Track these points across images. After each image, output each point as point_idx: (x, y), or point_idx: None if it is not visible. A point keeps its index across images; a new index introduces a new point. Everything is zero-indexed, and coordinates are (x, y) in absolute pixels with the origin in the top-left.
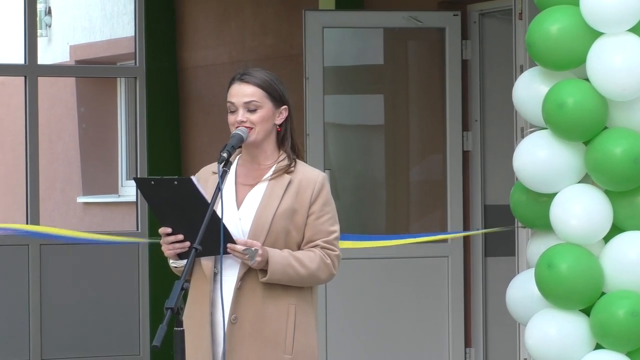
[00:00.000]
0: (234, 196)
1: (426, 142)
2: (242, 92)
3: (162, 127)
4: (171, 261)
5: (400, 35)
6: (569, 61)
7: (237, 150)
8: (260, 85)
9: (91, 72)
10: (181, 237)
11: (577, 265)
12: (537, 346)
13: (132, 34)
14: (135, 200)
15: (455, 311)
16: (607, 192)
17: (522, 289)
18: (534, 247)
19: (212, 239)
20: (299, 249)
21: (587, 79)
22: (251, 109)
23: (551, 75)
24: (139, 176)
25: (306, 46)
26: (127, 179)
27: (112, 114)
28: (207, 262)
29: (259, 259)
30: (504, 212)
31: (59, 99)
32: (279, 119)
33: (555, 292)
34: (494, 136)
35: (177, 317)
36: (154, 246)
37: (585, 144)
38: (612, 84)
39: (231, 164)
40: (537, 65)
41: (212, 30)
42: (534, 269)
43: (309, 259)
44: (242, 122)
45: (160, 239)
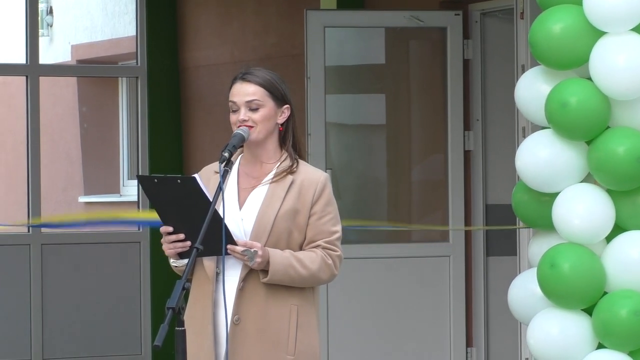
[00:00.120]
0: (236, 196)
1: (428, 142)
2: (244, 91)
3: (163, 126)
4: (172, 260)
5: (401, 34)
6: (572, 60)
7: (239, 149)
8: (262, 84)
9: (93, 71)
10: (182, 236)
11: (579, 264)
12: (539, 346)
13: (134, 33)
14: (136, 200)
15: (456, 311)
16: (609, 191)
17: (524, 289)
18: (535, 247)
19: (213, 239)
20: (301, 249)
21: (589, 79)
22: (253, 107)
23: (554, 74)
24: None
25: (308, 46)
26: (128, 179)
27: (114, 113)
28: (209, 262)
29: (259, 260)
30: (506, 211)
31: (61, 99)
32: (281, 118)
33: (557, 292)
34: (496, 136)
35: (178, 317)
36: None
37: (587, 143)
38: (615, 83)
39: (232, 163)
40: (539, 64)
41: (214, 29)
42: (537, 268)
43: (310, 259)
44: (244, 121)
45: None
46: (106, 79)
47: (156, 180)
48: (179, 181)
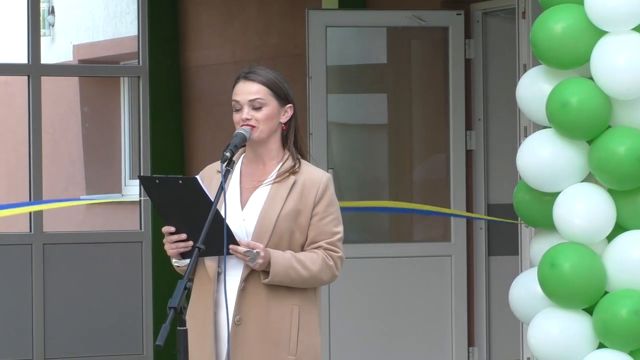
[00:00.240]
0: (238, 196)
1: (429, 141)
2: (247, 90)
3: (165, 126)
4: (174, 260)
5: (403, 34)
6: (573, 60)
7: (242, 149)
8: (265, 83)
9: (94, 71)
10: (184, 236)
11: (580, 264)
12: (540, 345)
13: (135, 33)
14: (138, 199)
15: (458, 310)
16: (610, 191)
17: (525, 288)
18: (537, 246)
19: (215, 239)
20: (303, 250)
21: (591, 78)
22: (256, 106)
23: (555, 74)
24: (143, 175)
25: (309, 45)
26: (130, 179)
27: (115, 113)
28: (210, 262)
29: (261, 261)
30: (507, 211)
31: (62, 99)
32: (284, 118)
33: (558, 291)
34: (497, 135)
35: (180, 316)
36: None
37: (588, 143)
38: (616, 83)
39: (234, 163)
40: (541, 64)
41: (216, 29)
42: (537, 268)
43: (312, 260)
44: (247, 120)
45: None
46: (108, 79)
47: (158, 180)
48: (180, 182)
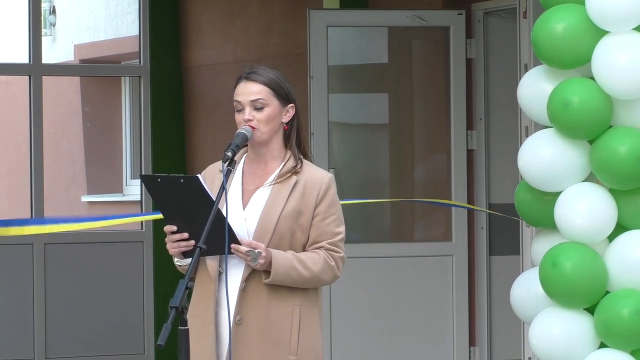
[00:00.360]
0: (240, 196)
1: (430, 141)
2: (249, 91)
3: (166, 126)
4: (176, 259)
5: (404, 34)
6: (574, 60)
7: (244, 148)
8: (266, 83)
9: (95, 71)
10: (186, 235)
11: (581, 264)
12: (541, 345)
13: (137, 33)
14: (139, 199)
15: (459, 310)
16: (611, 190)
17: (527, 288)
18: (538, 246)
19: (217, 238)
20: (304, 250)
21: (592, 78)
22: (257, 107)
23: (556, 73)
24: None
25: (310, 45)
26: (131, 178)
27: (117, 113)
28: (211, 262)
29: (262, 260)
30: (509, 210)
31: (64, 98)
32: (286, 117)
33: (559, 291)
34: (499, 135)
35: (181, 316)
36: (159, 245)
37: (590, 142)
38: (617, 82)
39: (236, 162)
40: (542, 63)
41: (217, 29)
42: (539, 267)
43: (313, 261)
44: (249, 120)
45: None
46: (109, 79)
47: (159, 179)
48: (181, 180)
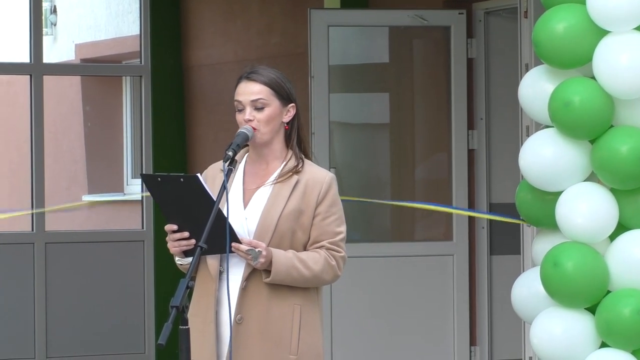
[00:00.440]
0: (241, 195)
1: (431, 141)
2: (249, 90)
3: (167, 125)
4: (177, 259)
5: (405, 33)
6: (575, 59)
7: (246, 147)
8: (267, 83)
9: (96, 70)
10: (187, 234)
11: (582, 263)
12: (542, 345)
13: (138, 32)
14: (140, 198)
15: (460, 309)
16: (613, 190)
17: (528, 287)
18: (539, 246)
19: (217, 238)
20: (305, 250)
21: (593, 78)
22: (258, 107)
23: (557, 73)
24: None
25: (311, 45)
26: (132, 178)
27: (118, 112)
28: (212, 261)
29: (262, 260)
30: (510, 210)
31: (65, 98)
32: (287, 117)
33: (560, 291)
34: (499, 134)
35: (182, 315)
36: (160, 245)
37: (591, 142)
38: (618, 82)
39: (237, 162)
40: (543, 63)
41: (218, 28)
42: (540, 267)
43: (314, 260)
44: (249, 120)
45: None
46: (110, 78)
47: (159, 179)
48: (181, 180)
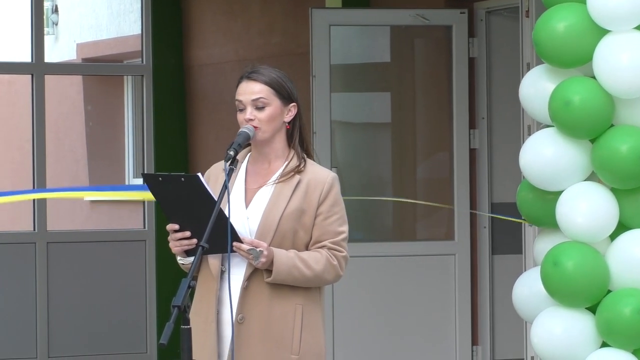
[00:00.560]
0: (242, 195)
1: (433, 140)
2: (250, 90)
3: (168, 125)
4: (179, 258)
5: (407, 33)
6: (576, 59)
7: (248, 147)
8: (267, 82)
9: (98, 70)
10: (188, 233)
11: (583, 263)
12: (542, 344)
13: (139, 31)
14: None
15: (462, 309)
16: (613, 189)
17: (529, 287)
18: (540, 245)
19: (219, 237)
20: (307, 249)
21: (593, 77)
22: (259, 106)
23: (557, 72)
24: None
25: (313, 44)
26: (134, 177)
27: (119, 111)
28: (214, 260)
29: (264, 259)
30: (511, 210)
31: (66, 97)
32: (288, 117)
33: (561, 290)
34: (501, 134)
35: (183, 315)
36: (162, 244)
37: (591, 141)
38: (618, 81)
39: (237, 161)
40: (544, 62)
41: (219, 28)
42: (540, 266)
43: (315, 260)
44: (250, 120)
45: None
46: (111, 78)
47: (160, 178)
48: (182, 179)
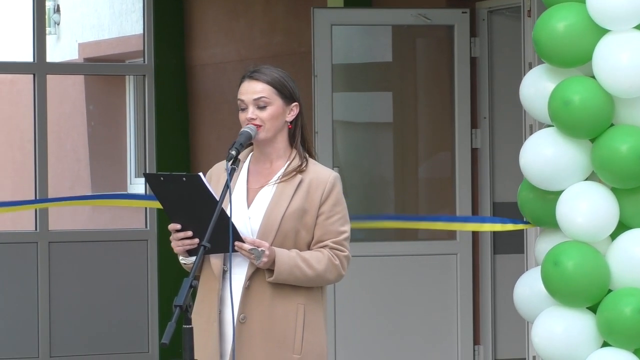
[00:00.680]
0: (244, 195)
1: (435, 140)
2: (252, 89)
3: (170, 124)
4: (181, 258)
5: (408, 32)
6: (576, 58)
7: (250, 147)
8: (269, 82)
9: (100, 69)
10: (190, 233)
11: (583, 262)
12: (543, 344)
13: (141, 31)
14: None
15: (464, 309)
16: (613, 189)
17: (530, 287)
18: (542, 245)
19: (221, 237)
20: (309, 249)
21: (593, 77)
22: (261, 105)
23: (558, 72)
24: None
25: (315, 44)
26: (135, 177)
27: (121, 111)
28: (216, 260)
29: (265, 259)
30: (513, 209)
31: (68, 97)
32: (290, 116)
33: (561, 290)
34: (503, 133)
35: (185, 314)
36: (163, 244)
37: (591, 141)
38: (618, 81)
39: (239, 161)
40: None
41: (221, 27)
42: (540, 266)
43: (317, 259)
44: (252, 119)
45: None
46: (113, 77)
47: (162, 178)
48: (184, 179)
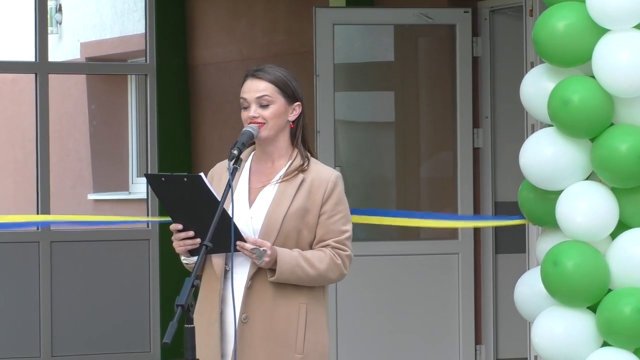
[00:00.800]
0: (246, 194)
1: (436, 139)
2: (255, 88)
3: (172, 124)
4: (183, 258)
5: (410, 32)
6: (575, 58)
7: (252, 146)
8: (272, 81)
9: (102, 69)
10: (192, 233)
11: (583, 262)
12: (543, 344)
13: (143, 31)
14: (145, 197)
15: (465, 308)
16: (613, 189)
17: (530, 286)
18: (543, 244)
19: (222, 237)
20: (311, 248)
21: (593, 76)
22: (263, 104)
23: (558, 72)
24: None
25: (316, 43)
26: (137, 176)
27: (123, 111)
28: (218, 260)
29: (267, 259)
30: (515, 209)
31: (70, 96)
32: (292, 116)
33: (561, 290)
34: (505, 133)
35: (187, 314)
36: (165, 243)
37: (591, 141)
38: (617, 80)
39: (242, 160)
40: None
41: (223, 27)
42: (540, 266)
43: (319, 259)
44: (254, 117)
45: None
46: (115, 77)
47: (163, 178)
48: (185, 179)
